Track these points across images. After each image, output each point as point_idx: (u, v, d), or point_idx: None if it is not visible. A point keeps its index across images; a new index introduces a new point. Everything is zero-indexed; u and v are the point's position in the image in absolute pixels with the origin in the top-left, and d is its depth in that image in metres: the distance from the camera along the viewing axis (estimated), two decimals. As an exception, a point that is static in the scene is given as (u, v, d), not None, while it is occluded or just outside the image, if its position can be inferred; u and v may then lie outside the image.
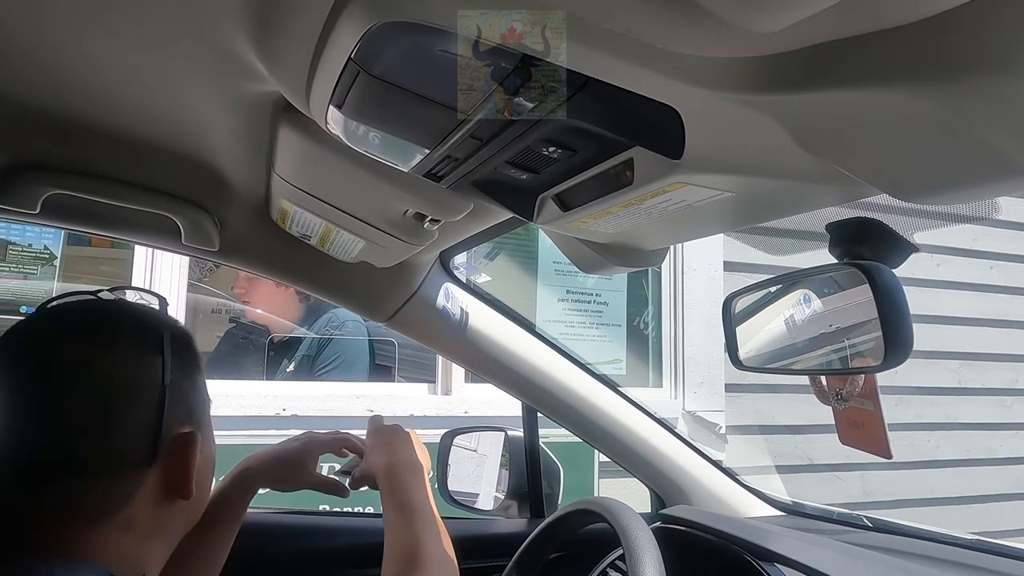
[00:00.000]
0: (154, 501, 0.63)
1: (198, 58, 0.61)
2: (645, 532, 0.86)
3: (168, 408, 0.63)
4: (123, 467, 0.60)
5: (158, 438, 0.62)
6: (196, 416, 0.68)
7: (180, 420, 0.65)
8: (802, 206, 0.53)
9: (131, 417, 0.61)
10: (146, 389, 0.62)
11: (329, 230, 0.92)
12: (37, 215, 0.89)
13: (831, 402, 0.78)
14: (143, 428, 0.61)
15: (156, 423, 0.62)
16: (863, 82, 0.36)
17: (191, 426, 0.66)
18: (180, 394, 0.65)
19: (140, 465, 0.61)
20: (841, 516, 1.40)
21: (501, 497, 1.48)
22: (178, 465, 0.64)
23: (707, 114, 0.41)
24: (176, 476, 0.64)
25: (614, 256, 0.72)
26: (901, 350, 0.55)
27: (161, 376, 0.63)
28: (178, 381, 0.65)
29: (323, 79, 0.49)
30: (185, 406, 0.66)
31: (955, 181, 0.39)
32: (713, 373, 3.00)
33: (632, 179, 0.50)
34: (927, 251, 3.44)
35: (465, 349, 1.24)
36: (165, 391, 0.63)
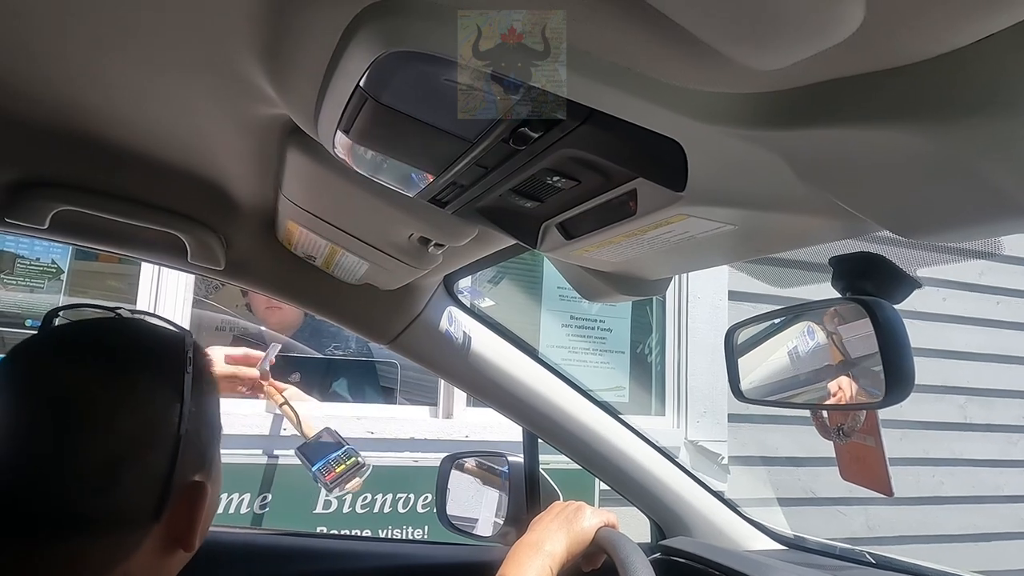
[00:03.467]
0: (154, 554, 0.58)
1: (209, 82, 0.62)
2: (644, 564, 0.85)
3: (181, 458, 0.57)
4: (126, 525, 0.56)
5: (167, 492, 0.56)
6: (207, 459, 0.63)
7: (191, 469, 0.60)
8: (804, 240, 0.53)
9: (141, 471, 0.55)
10: (161, 440, 0.56)
11: (334, 252, 0.93)
12: (46, 230, 0.89)
13: (833, 437, 0.77)
14: (152, 482, 0.56)
15: (167, 476, 0.56)
16: (865, 120, 0.36)
17: (201, 474, 0.61)
18: (194, 440, 0.59)
19: (144, 521, 0.56)
20: (843, 552, 1.38)
21: (500, 523, 1.46)
22: (184, 517, 0.59)
23: (710, 148, 0.41)
24: (181, 527, 0.59)
25: (617, 285, 0.72)
26: (902, 387, 0.55)
27: (178, 424, 0.57)
28: (195, 426, 0.59)
29: (331, 105, 0.49)
30: (198, 452, 0.60)
31: (956, 219, 0.40)
32: (716, 403, 2.98)
33: (635, 210, 0.50)
34: (933, 285, 3.43)
35: (467, 373, 1.23)
36: (180, 441, 0.57)
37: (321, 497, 2.15)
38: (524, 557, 0.89)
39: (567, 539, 0.94)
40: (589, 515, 0.98)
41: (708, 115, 0.39)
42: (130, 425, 0.55)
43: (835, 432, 0.76)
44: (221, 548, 1.15)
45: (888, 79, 0.35)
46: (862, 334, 0.60)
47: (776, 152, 0.41)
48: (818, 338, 0.75)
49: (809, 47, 0.31)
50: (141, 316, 0.67)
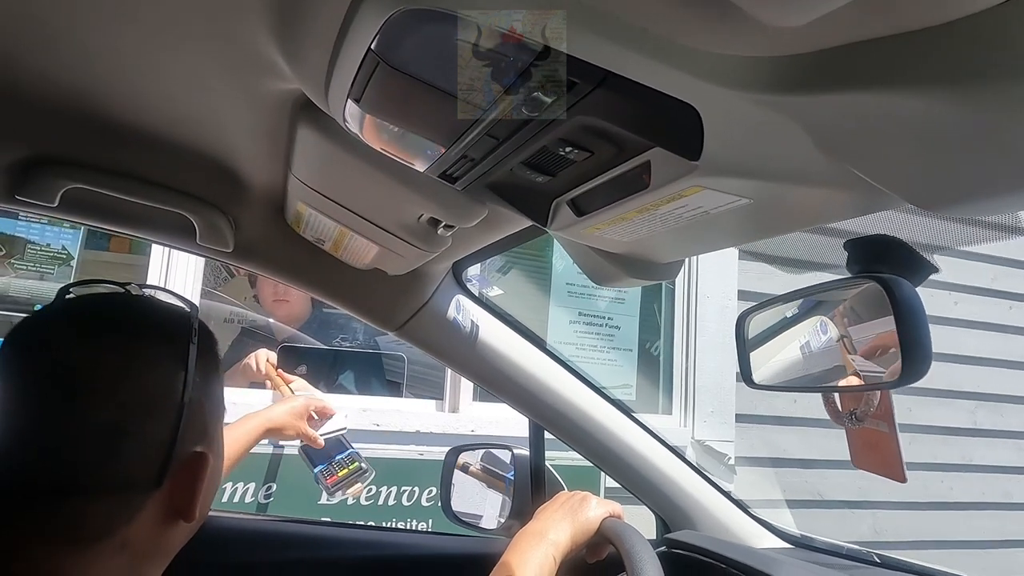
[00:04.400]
0: (154, 522, 0.59)
1: (220, 54, 0.62)
2: (650, 555, 0.85)
3: (183, 428, 0.58)
4: (127, 490, 0.56)
5: (168, 460, 0.57)
6: (209, 433, 0.63)
7: (193, 439, 0.60)
8: (821, 216, 0.52)
9: (144, 438, 0.56)
10: (164, 409, 0.57)
11: (343, 235, 0.92)
12: (56, 209, 0.89)
13: (845, 422, 0.76)
14: (155, 450, 0.57)
15: (169, 445, 0.57)
16: (888, 85, 0.35)
17: (203, 445, 0.61)
18: (197, 411, 0.60)
19: (145, 488, 0.57)
20: (851, 552, 1.36)
21: (504, 516, 1.46)
22: (185, 487, 0.59)
23: (727, 114, 0.40)
24: (181, 498, 0.59)
25: (628, 268, 0.72)
26: (919, 365, 0.54)
27: (182, 394, 0.58)
28: (197, 397, 0.60)
29: (342, 71, 0.49)
30: (200, 423, 0.61)
31: (980, 191, 0.39)
32: (724, 402, 2.96)
33: (649, 182, 0.49)
34: (944, 288, 3.41)
35: (474, 363, 1.23)
36: (183, 410, 0.58)
37: (326, 488, 2.15)
38: (527, 545, 0.88)
39: (572, 528, 0.93)
40: (594, 505, 0.97)
41: (725, 79, 0.38)
42: (134, 392, 0.57)
43: (847, 417, 0.75)
44: (222, 533, 1.15)
45: (910, 42, 0.34)
46: (878, 318, 0.59)
47: (794, 119, 0.40)
48: (831, 334, 0.74)
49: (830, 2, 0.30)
50: (151, 291, 0.68)
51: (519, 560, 0.85)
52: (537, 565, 0.85)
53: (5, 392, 0.57)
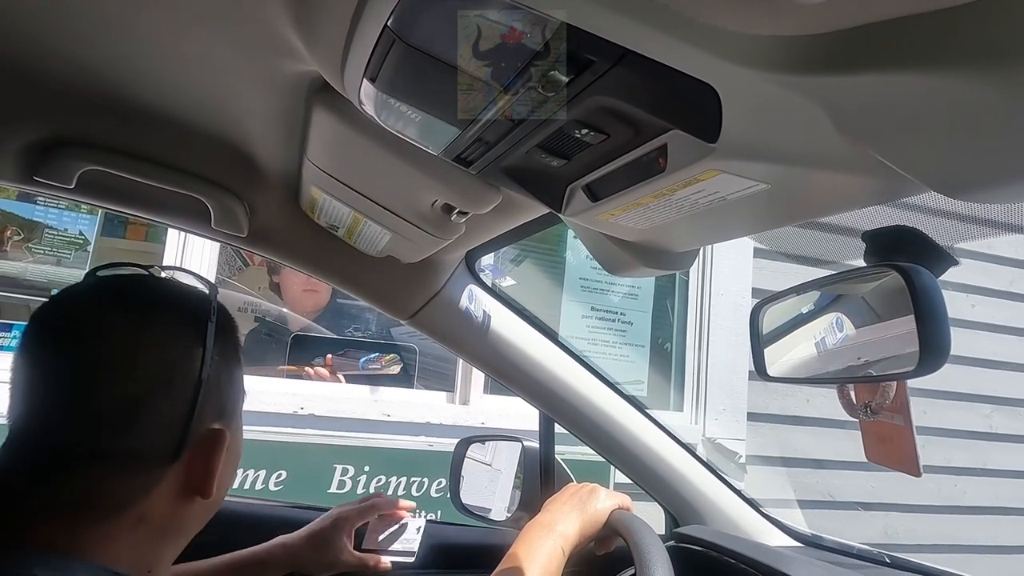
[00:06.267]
0: (171, 498, 0.60)
1: (237, 35, 0.62)
2: (659, 547, 0.84)
3: (201, 404, 0.59)
4: (144, 462, 0.57)
5: (186, 434, 0.58)
6: (228, 411, 0.64)
7: (211, 416, 0.61)
8: (840, 204, 0.51)
9: (162, 411, 0.58)
10: (182, 383, 0.59)
11: (357, 221, 0.92)
12: (73, 190, 0.90)
13: (859, 414, 0.75)
14: (172, 423, 0.58)
15: (186, 419, 0.58)
16: (912, 65, 0.34)
17: (221, 423, 0.63)
18: (215, 388, 0.62)
19: (162, 461, 0.58)
20: (861, 551, 1.35)
21: (513, 508, 1.45)
22: (202, 463, 0.61)
23: (746, 94, 0.40)
24: (198, 474, 0.60)
25: (642, 257, 0.71)
26: (937, 355, 0.53)
27: (199, 369, 0.59)
28: (215, 375, 0.61)
29: (358, 50, 0.49)
30: (218, 401, 0.63)
31: (1009, 177, 0.37)
32: (736, 400, 2.95)
33: (665, 166, 0.49)
34: (963, 291, 3.37)
35: (485, 353, 1.22)
36: (200, 386, 0.59)
37: (336, 477, 2.16)
38: (536, 537, 0.88)
39: (580, 520, 0.92)
40: (603, 497, 0.97)
41: (745, 58, 0.37)
42: (152, 366, 0.58)
43: (862, 409, 0.74)
44: (229, 517, 1.15)
45: (936, 21, 0.33)
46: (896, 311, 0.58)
47: (815, 101, 0.39)
48: (847, 330, 0.73)
49: None
50: (173, 271, 0.70)
51: (527, 551, 0.85)
52: (546, 557, 0.85)
53: (26, 365, 0.58)
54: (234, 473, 0.69)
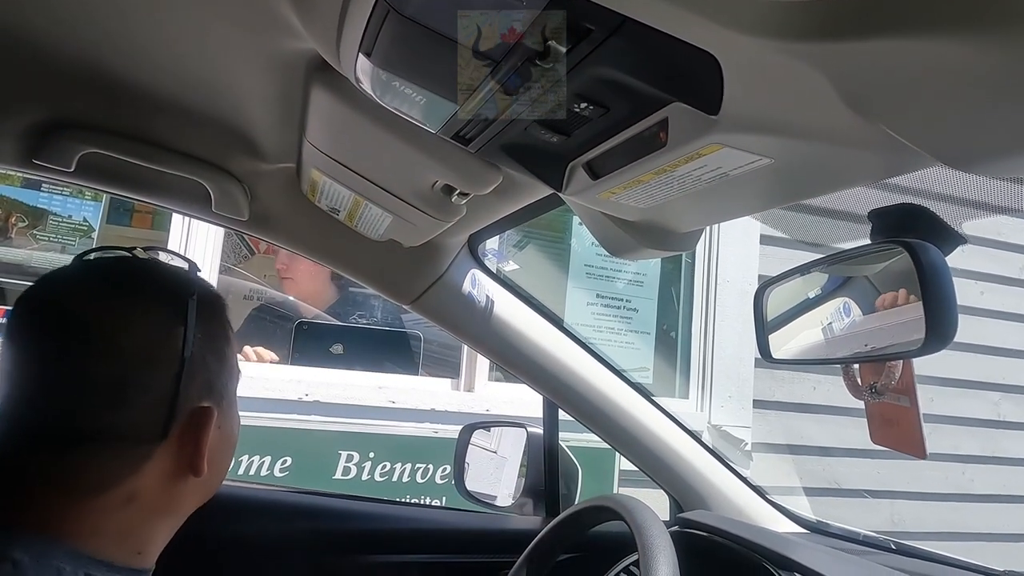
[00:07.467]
0: (163, 476, 0.60)
1: (233, 12, 0.61)
2: (662, 531, 0.83)
3: (185, 381, 0.60)
4: (132, 440, 0.58)
5: (172, 412, 0.59)
6: (217, 390, 0.64)
7: (198, 394, 0.62)
8: (846, 179, 0.50)
9: (147, 389, 0.58)
10: (166, 361, 0.59)
11: (358, 204, 0.92)
12: (72, 174, 0.90)
13: (864, 396, 0.74)
14: (158, 401, 0.59)
15: (171, 397, 0.59)
16: (921, 31, 0.33)
17: (210, 401, 0.63)
18: (201, 366, 0.62)
19: (150, 439, 0.59)
20: (867, 538, 1.35)
21: (518, 494, 1.46)
22: (191, 441, 0.61)
23: (748, 63, 0.39)
24: (188, 452, 0.61)
25: (644, 238, 0.70)
26: (944, 334, 0.52)
27: (182, 347, 0.60)
28: (200, 353, 0.62)
29: (353, 23, 0.48)
30: (205, 379, 0.63)
31: (1016, 149, 0.36)
32: (742, 387, 2.94)
33: (666, 141, 0.48)
34: (971, 278, 3.35)
35: (488, 338, 1.22)
36: (184, 363, 0.60)
37: (340, 463, 2.17)
38: None
39: None
40: None
41: (746, 25, 0.36)
42: (135, 345, 0.59)
43: (867, 390, 0.73)
44: (230, 502, 1.15)
45: None
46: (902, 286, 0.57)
47: (819, 69, 0.38)
48: (854, 314, 0.72)
49: None
50: (155, 251, 0.70)
51: None
52: None
53: (13, 347, 0.59)
54: (230, 454, 0.70)
